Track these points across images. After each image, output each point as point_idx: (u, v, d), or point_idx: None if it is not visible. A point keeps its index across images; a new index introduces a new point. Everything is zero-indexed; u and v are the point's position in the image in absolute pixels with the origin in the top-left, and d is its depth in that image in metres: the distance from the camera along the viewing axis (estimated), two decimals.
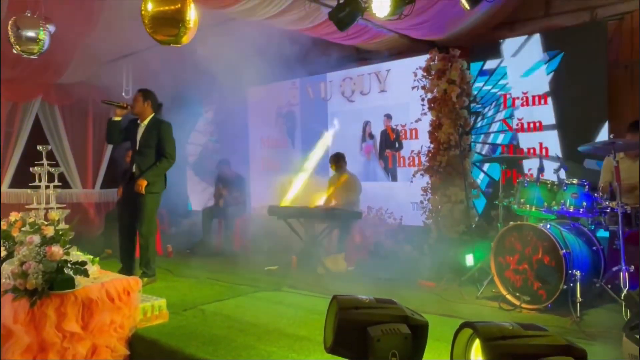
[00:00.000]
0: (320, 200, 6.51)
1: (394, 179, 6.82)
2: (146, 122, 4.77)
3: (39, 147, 3.99)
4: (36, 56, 4.45)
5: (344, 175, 6.33)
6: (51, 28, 4.56)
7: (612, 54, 5.03)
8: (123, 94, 7.43)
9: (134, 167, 4.77)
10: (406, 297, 4.12)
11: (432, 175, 5.95)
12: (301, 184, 7.54)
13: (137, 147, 4.75)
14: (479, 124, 5.90)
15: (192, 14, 3.64)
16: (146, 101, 4.77)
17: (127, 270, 4.76)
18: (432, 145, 5.96)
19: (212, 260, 6.24)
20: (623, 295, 3.46)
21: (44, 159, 3.95)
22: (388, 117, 6.85)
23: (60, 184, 4.03)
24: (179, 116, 9.29)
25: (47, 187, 3.93)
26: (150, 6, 3.59)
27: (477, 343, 1.48)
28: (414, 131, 6.53)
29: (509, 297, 3.96)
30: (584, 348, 1.43)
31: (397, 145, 6.77)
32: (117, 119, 4.74)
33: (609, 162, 4.42)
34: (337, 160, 6.33)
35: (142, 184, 4.58)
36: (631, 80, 5.04)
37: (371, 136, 7.04)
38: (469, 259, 4.83)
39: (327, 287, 4.53)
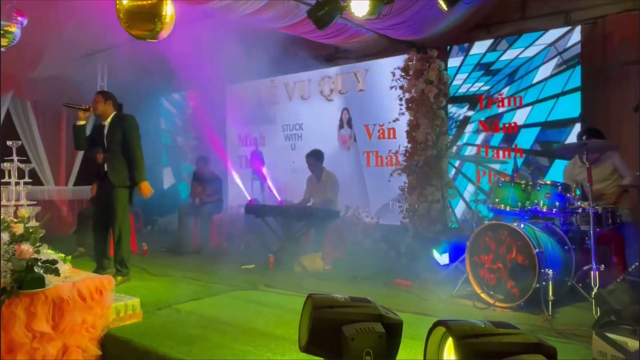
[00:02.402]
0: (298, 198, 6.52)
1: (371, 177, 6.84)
2: (109, 120, 4.77)
3: (9, 143, 3.88)
4: (5, 49, 4.34)
5: (323, 173, 6.34)
6: (23, 21, 4.45)
7: (584, 57, 5.13)
8: (98, 89, 7.31)
9: (105, 165, 4.74)
10: (382, 295, 4.14)
11: (409, 175, 5.99)
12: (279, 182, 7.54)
13: (106, 146, 4.74)
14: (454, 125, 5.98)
15: (168, 8, 3.60)
16: (107, 102, 4.77)
17: (101, 268, 4.69)
18: (409, 145, 6.00)
19: (188, 259, 6.17)
20: (593, 293, 3.53)
21: (14, 154, 3.85)
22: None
23: (31, 180, 3.92)
24: (154, 113, 9.25)
25: (17, 183, 3.83)
26: (125, 0, 3.53)
27: (450, 341, 1.49)
28: (391, 131, 6.56)
29: (483, 295, 4.00)
30: (554, 346, 1.45)
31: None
32: (82, 122, 4.75)
33: (568, 167, 4.54)
34: (315, 157, 6.33)
35: (144, 186, 4.69)
36: (603, 83, 5.16)
37: (349, 124, 7.03)
38: (437, 255, 4.90)
39: (304, 286, 4.53)
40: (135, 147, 4.69)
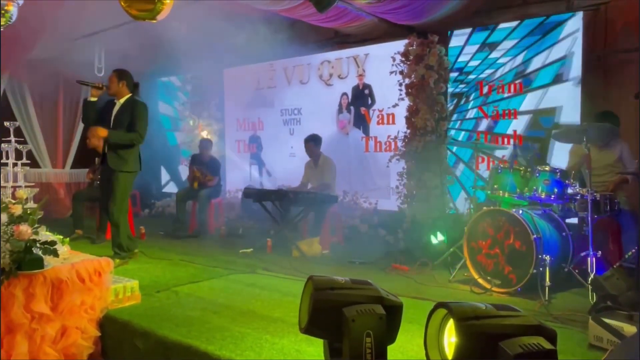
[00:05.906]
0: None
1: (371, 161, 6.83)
2: (122, 101, 4.75)
3: (6, 124, 3.86)
4: (3, 28, 4.29)
5: (320, 158, 6.33)
6: (19, 0, 4.39)
7: (585, 43, 5.10)
8: (95, 71, 7.24)
9: (105, 147, 4.70)
10: (380, 280, 4.11)
11: (408, 161, 5.98)
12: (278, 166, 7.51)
13: (111, 126, 4.70)
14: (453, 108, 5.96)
15: None
16: (121, 82, 4.74)
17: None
18: (408, 131, 5.98)
19: (185, 242, 6.18)
20: (590, 279, 3.55)
21: (12, 135, 3.82)
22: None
23: (29, 161, 3.91)
24: (152, 96, 9.18)
25: (15, 164, 3.81)
26: None
27: (450, 323, 1.49)
28: (391, 116, 6.54)
29: (480, 280, 4.02)
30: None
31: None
32: (93, 99, 4.72)
33: (577, 148, 4.49)
34: (314, 142, 6.31)
35: (102, 132, 4.52)
36: (604, 70, 5.13)
37: (348, 109, 7.00)
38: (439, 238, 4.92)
39: (302, 270, 4.54)
40: (139, 135, 4.63)
